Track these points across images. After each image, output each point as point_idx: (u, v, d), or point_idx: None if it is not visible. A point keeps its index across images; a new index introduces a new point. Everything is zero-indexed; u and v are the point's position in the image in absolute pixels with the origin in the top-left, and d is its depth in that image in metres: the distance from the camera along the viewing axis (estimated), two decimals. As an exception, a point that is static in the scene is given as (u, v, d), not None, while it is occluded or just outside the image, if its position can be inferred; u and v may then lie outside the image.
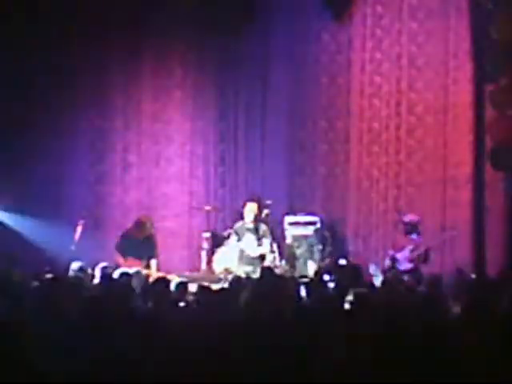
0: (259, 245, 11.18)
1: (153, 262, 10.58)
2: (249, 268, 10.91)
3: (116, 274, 8.60)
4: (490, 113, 12.08)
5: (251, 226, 11.35)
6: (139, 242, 10.66)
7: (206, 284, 7.86)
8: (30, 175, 12.17)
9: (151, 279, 8.68)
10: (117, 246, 10.82)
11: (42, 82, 12.21)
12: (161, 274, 10.09)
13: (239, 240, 11.26)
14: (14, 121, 12.02)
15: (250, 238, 11.26)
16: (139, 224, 10.84)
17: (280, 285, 7.26)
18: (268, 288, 7.03)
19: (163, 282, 7.21)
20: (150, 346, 4.88)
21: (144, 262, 10.54)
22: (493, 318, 5.03)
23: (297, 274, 10.67)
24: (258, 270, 9.80)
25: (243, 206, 11.67)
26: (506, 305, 5.40)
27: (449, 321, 5.45)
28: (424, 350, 4.52)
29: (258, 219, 11.40)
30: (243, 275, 9.57)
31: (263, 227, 11.37)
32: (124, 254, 10.55)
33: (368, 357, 4.59)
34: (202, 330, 5.12)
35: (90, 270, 9.26)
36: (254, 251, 11.18)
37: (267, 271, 8.70)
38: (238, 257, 11.16)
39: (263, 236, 11.28)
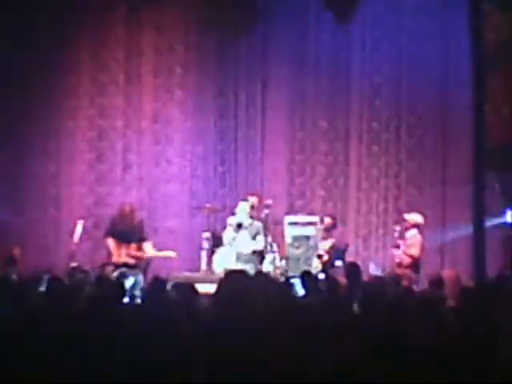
0: (253, 240, 11.11)
1: (147, 244, 10.67)
2: (245, 266, 10.79)
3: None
4: (488, 113, 12.12)
5: (246, 224, 11.29)
6: (128, 229, 10.71)
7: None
8: (30, 175, 12.20)
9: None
10: (107, 232, 10.87)
11: (41, 80, 12.23)
12: (160, 253, 10.73)
13: (236, 233, 11.15)
14: (14, 120, 12.04)
15: (244, 236, 11.18)
16: (125, 215, 10.84)
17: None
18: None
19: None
20: (153, 347, 4.87)
21: (135, 246, 10.62)
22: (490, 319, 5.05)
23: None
24: (255, 268, 9.73)
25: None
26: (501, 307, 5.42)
27: (448, 321, 5.46)
28: (423, 351, 4.54)
29: (252, 217, 11.31)
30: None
31: (257, 225, 11.26)
32: (115, 239, 10.63)
33: (367, 357, 4.60)
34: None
35: (89, 270, 9.27)
36: (247, 248, 11.11)
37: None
38: (234, 258, 11.11)
39: (257, 233, 11.21)
